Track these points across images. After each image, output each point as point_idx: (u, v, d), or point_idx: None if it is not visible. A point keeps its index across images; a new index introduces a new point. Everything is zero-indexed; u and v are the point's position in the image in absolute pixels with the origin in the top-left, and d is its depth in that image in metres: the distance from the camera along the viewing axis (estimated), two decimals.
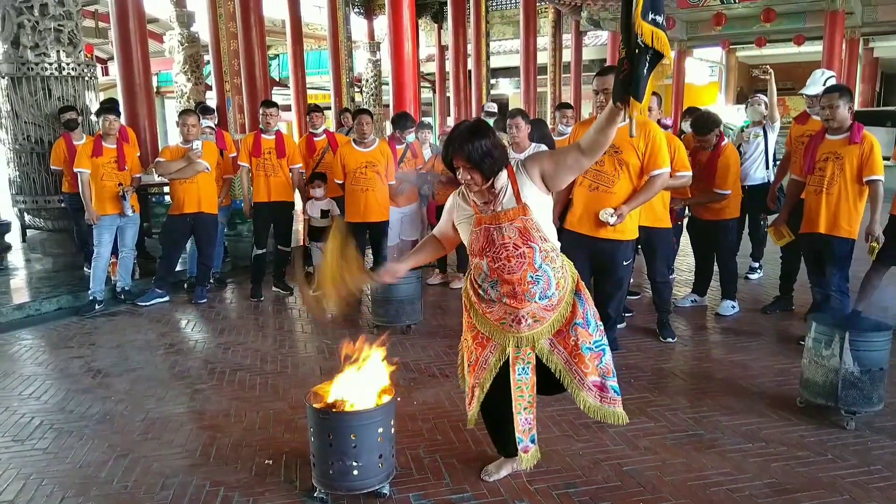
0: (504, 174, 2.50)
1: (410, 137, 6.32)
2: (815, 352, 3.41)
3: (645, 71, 2.25)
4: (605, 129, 2.35)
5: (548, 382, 2.73)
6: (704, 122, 5.04)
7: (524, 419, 2.73)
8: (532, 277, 2.52)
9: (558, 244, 2.61)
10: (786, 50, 19.91)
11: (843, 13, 13.90)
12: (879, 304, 4.08)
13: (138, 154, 6.56)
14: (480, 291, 2.65)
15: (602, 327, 2.70)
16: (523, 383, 2.69)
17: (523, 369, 2.68)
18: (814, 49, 16.19)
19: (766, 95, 6.04)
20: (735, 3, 14.60)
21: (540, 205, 2.52)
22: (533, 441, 2.78)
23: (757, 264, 6.48)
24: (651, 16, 2.22)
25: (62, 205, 6.71)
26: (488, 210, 2.53)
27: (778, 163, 5.96)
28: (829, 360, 3.33)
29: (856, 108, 4.55)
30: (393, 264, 2.78)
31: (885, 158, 4.50)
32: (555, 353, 2.65)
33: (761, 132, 5.87)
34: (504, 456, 2.95)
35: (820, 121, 4.48)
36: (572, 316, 2.62)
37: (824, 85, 4.82)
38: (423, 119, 7.84)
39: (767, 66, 6.07)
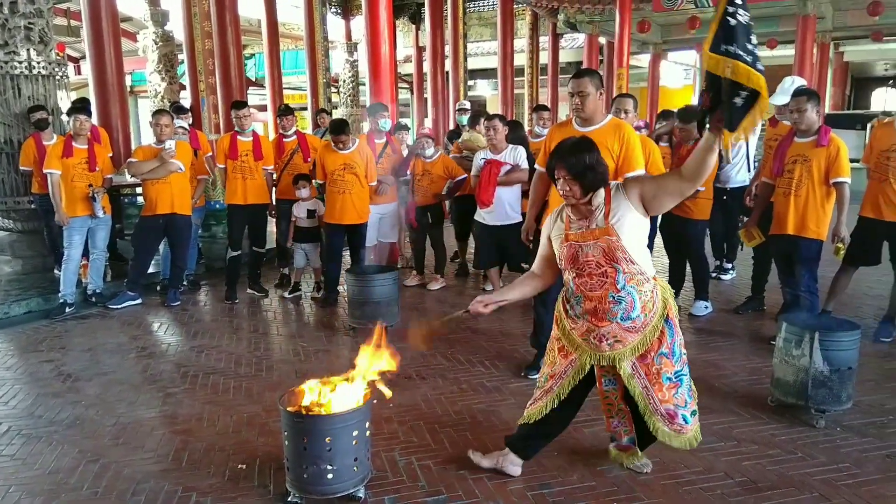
0: (602, 192, 2.58)
1: (385, 124, 6.25)
2: (786, 351, 3.47)
3: (737, 101, 2.28)
4: (704, 157, 2.43)
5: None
6: (690, 112, 5.18)
7: (615, 423, 2.95)
8: (614, 297, 2.58)
9: (651, 270, 2.64)
10: (759, 53, 20.16)
11: (815, 18, 14.13)
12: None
13: (110, 154, 6.46)
14: (568, 306, 2.76)
15: (685, 356, 2.74)
16: (611, 394, 2.87)
17: (609, 381, 2.83)
18: (786, 53, 16.43)
19: None
20: (709, 6, 14.75)
21: (635, 226, 2.57)
22: (633, 442, 2.93)
23: (730, 265, 6.55)
24: (723, 46, 2.28)
25: (32, 206, 6.57)
26: (580, 227, 2.61)
27: (757, 164, 6.05)
28: (800, 359, 3.39)
29: (827, 111, 4.64)
30: (486, 296, 2.79)
31: (855, 161, 4.58)
32: (635, 378, 2.69)
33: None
34: (512, 451, 2.95)
35: (789, 124, 4.56)
36: (659, 344, 2.66)
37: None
38: (400, 120, 7.81)
39: None
